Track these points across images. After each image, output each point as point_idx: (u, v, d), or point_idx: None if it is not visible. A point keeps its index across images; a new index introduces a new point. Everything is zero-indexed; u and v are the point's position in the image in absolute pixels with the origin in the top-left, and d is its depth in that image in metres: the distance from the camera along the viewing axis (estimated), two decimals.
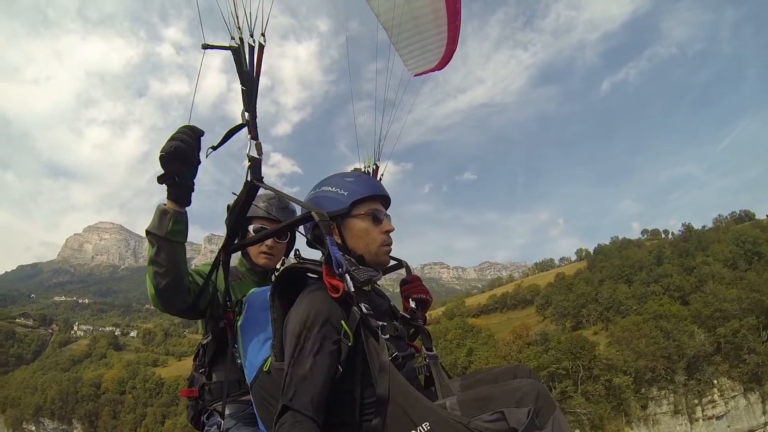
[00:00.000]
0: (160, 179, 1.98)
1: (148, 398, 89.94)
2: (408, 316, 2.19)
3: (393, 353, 1.64)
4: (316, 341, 1.61)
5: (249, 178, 2.05)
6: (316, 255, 2.03)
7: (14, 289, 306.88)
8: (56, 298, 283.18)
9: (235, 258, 2.76)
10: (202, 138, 2.03)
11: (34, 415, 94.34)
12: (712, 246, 75.13)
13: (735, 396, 55.07)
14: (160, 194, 2.09)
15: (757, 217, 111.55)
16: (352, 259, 1.89)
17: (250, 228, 2.65)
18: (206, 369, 2.44)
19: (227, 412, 2.29)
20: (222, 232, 2.31)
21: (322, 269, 1.71)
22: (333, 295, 1.64)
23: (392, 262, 2.33)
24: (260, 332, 1.97)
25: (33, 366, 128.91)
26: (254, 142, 2.06)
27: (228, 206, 2.40)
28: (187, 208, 2.10)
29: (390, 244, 2.04)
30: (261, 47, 2.11)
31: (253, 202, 2.44)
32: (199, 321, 2.52)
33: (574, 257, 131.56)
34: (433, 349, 2.11)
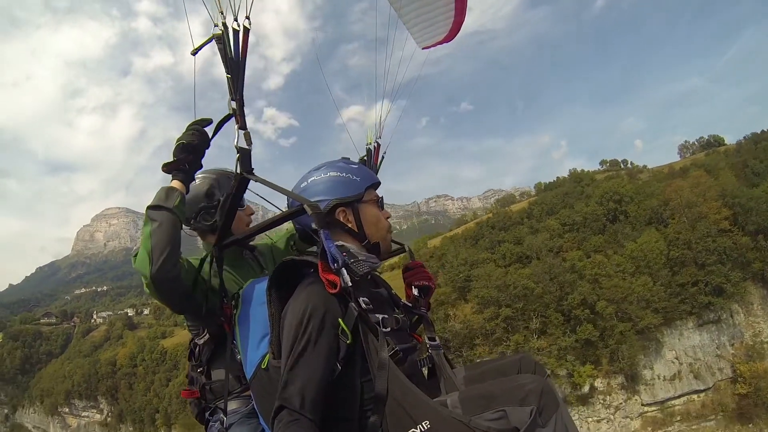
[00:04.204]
0: (170, 167, 2.13)
1: (156, 366, 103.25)
2: (410, 305, 2.17)
3: (393, 348, 1.64)
4: (313, 338, 1.62)
5: (239, 170, 2.02)
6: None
7: (37, 292, 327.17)
8: (77, 292, 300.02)
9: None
10: (209, 127, 2.17)
11: (65, 399, 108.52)
12: (577, 203, 64.78)
13: None
14: (162, 172, 2.19)
15: (727, 142, 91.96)
16: (351, 249, 1.88)
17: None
18: (204, 368, 2.46)
19: (230, 408, 2.33)
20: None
21: (318, 264, 1.70)
22: (330, 291, 1.66)
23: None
24: (257, 328, 1.94)
25: (61, 358, 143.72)
26: (242, 132, 2.02)
27: (219, 200, 2.60)
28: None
29: (391, 229, 2.12)
30: (246, 31, 2.04)
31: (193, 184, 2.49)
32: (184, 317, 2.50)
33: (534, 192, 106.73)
34: (436, 338, 2.11)
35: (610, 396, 47.20)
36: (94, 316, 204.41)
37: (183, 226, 2.22)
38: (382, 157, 3.33)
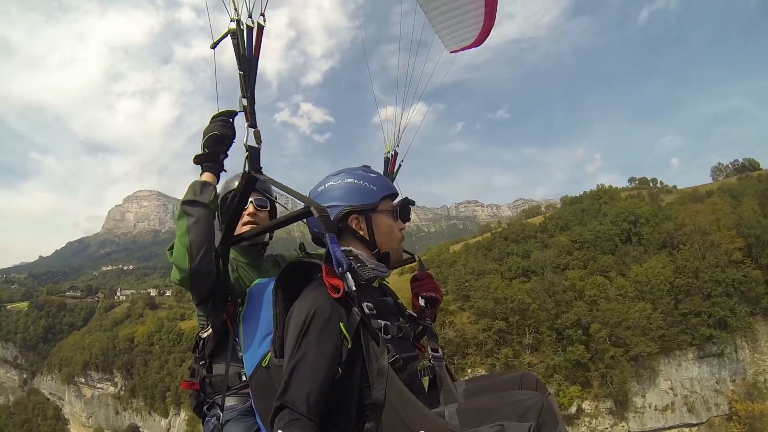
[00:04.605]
0: (202, 159, 2.18)
1: (172, 347, 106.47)
2: (415, 315, 2.17)
3: (393, 356, 1.68)
4: (317, 341, 1.63)
5: (247, 169, 2.01)
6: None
7: (65, 265, 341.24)
8: (104, 268, 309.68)
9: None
10: (235, 118, 2.18)
11: (82, 369, 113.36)
12: (590, 221, 64.04)
13: None
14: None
15: (762, 166, 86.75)
16: (360, 256, 1.91)
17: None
18: (206, 362, 2.47)
19: (228, 404, 2.35)
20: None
21: (323, 268, 1.71)
22: (334, 295, 1.66)
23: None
24: (261, 326, 1.96)
25: (82, 330, 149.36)
26: (252, 130, 2.01)
27: (224, 197, 2.59)
28: None
29: (403, 240, 2.14)
30: (260, 28, 2.03)
31: (228, 180, 2.62)
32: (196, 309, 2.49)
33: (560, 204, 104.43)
34: (439, 350, 2.11)
35: (596, 419, 46.57)
36: (118, 293, 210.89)
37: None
38: (399, 166, 3.30)
